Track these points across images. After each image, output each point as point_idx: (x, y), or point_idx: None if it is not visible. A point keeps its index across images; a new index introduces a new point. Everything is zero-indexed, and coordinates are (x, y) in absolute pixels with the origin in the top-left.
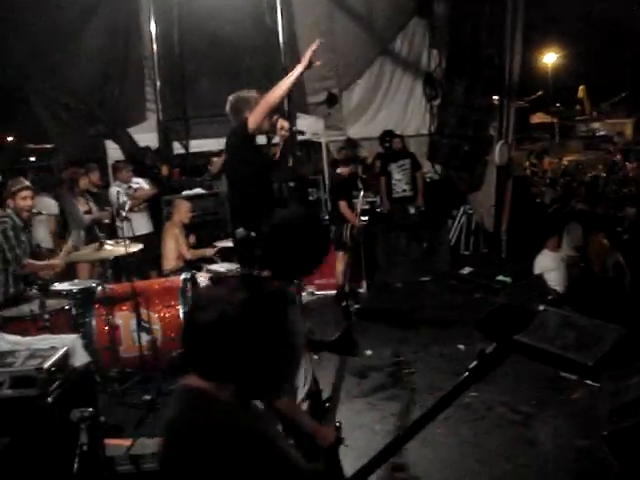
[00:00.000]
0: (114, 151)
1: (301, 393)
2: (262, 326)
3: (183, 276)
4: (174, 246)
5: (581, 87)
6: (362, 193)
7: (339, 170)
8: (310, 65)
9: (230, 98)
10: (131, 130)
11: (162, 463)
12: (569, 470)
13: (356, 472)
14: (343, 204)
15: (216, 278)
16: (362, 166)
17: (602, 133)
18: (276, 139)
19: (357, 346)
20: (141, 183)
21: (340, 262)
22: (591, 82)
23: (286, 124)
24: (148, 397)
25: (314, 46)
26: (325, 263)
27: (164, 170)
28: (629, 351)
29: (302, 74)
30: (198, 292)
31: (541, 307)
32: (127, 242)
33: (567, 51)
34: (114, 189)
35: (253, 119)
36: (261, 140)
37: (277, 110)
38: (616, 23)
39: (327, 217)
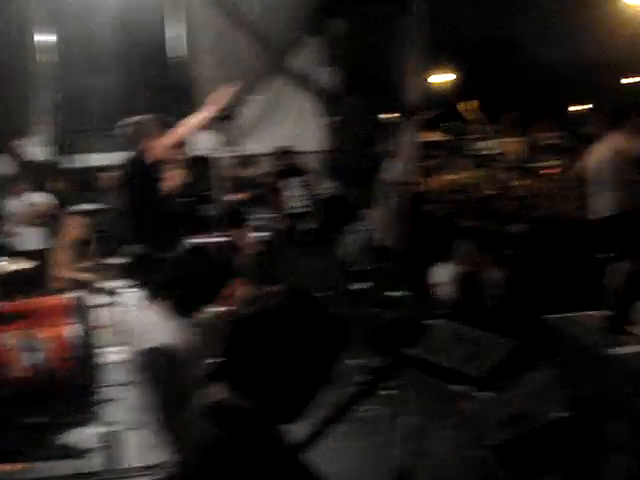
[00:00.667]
0: (3, 165)
1: None
2: (311, 341)
3: (72, 294)
4: (63, 263)
5: (470, 106)
6: (252, 211)
7: (233, 196)
8: (215, 112)
9: (127, 122)
10: (22, 142)
11: None
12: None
13: None
14: (238, 230)
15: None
16: (257, 183)
17: (491, 151)
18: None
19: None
20: (36, 198)
21: (238, 290)
22: (482, 101)
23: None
24: (41, 420)
25: (225, 93)
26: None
27: (55, 184)
28: (518, 363)
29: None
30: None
31: (432, 320)
32: (16, 258)
33: (459, 70)
34: (12, 202)
35: (153, 151)
36: None
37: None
38: (506, 43)
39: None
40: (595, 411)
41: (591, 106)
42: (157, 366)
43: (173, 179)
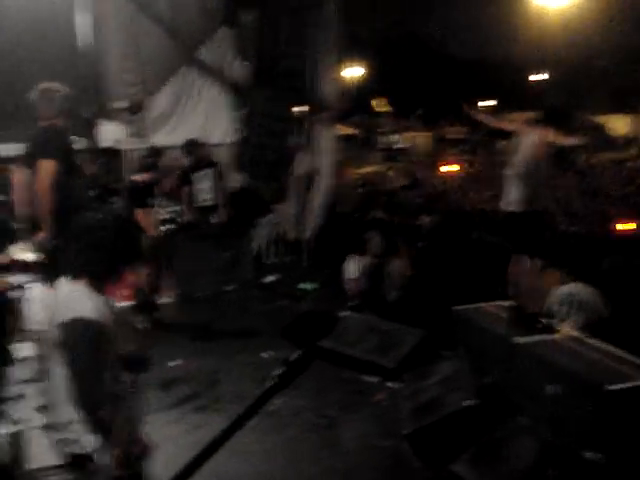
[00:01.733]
0: None
1: None
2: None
3: None
4: None
5: (380, 101)
6: (159, 201)
7: (134, 177)
8: None
9: (39, 87)
10: None
11: None
12: (374, 469)
13: None
14: (139, 212)
15: None
16: (164, 174)
17: (400, 145)
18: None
19: (145, 361)
20: None
21: (140, 274)
22: (392, 96)
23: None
24: None
25: None
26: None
27: None
28: (427, 353)
29: None
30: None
31: (343, 313)
32: None
33: (370, 65)
34: None
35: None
36: None
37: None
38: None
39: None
40: (502, 398)
41: (495, 102)
42: (79, 336)
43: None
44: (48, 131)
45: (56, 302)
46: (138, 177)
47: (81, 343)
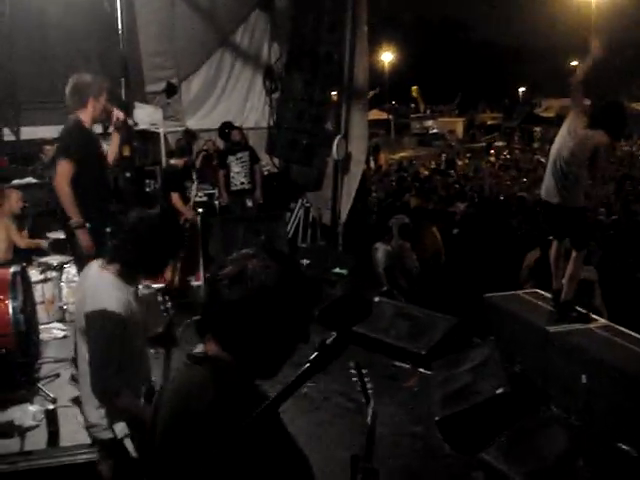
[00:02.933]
0: None
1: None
2: (297, 299)
3: (13, 269)
4: (4, 237)
5: (414, 87)
6: (195, 184)
7: (172, 161)
8: None
9: (72, 79)
10: None
11: (165, 429)
12: (404, 454)
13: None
14: (175, 196)
15: None
16: (202, 157)
17: (435, 131)
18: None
19: (176, 340)
20: None
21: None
22: (426, 82)
23: (121, 115)
24: None
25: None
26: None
27: None
28: (459, 340)
29: None
30: (227, 261)
31: (376, 298)
32: None
33: (403, 50)
34: None
35: (90, 112)
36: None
37: (113, 99)
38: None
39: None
40: (534, 387)
41: (524, 89)
42: (99, 329)
43: (113, 149)
44: (71, 126)
45: (83, 289)
46: (175, 161)
47: (100, 336)
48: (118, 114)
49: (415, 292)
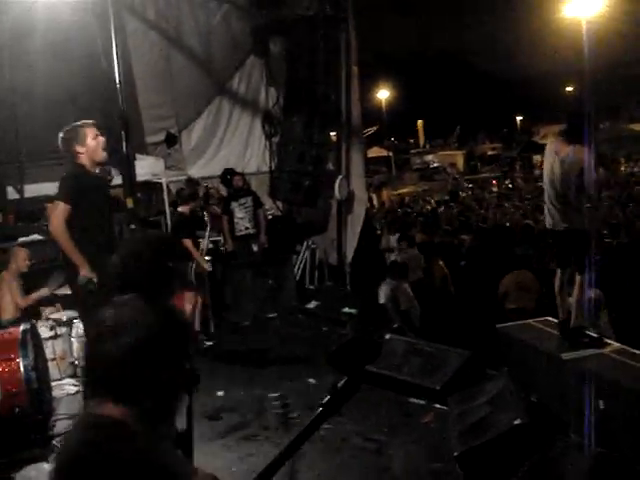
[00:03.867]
0: None
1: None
2: (177, 343)
3: (22, 327)
4: (10, 297)
5: (419, 122)
6: (208, 230)
7: (180, 209)
8: None
9: (60, 134)
10: None
11: None
12: None
13: None
14: (188, 242)
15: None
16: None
17: (436, 165)
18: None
19: (198, 380)
20: None
21: (188, 301)
22: (423, 116)
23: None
24: None
25: None
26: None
27: None
28: (473, 372)
29: None
30: (100, 317)
31: (387, 336)
32: None
33: (399, 87)
34: None
35: (84, 157)
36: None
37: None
38: (447, 58)
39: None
40: (551, 416)
41: (521, 118)
42: None
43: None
44: (69, 170)
45: None
46: (181, 208)
47: None
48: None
49: (419, 330)
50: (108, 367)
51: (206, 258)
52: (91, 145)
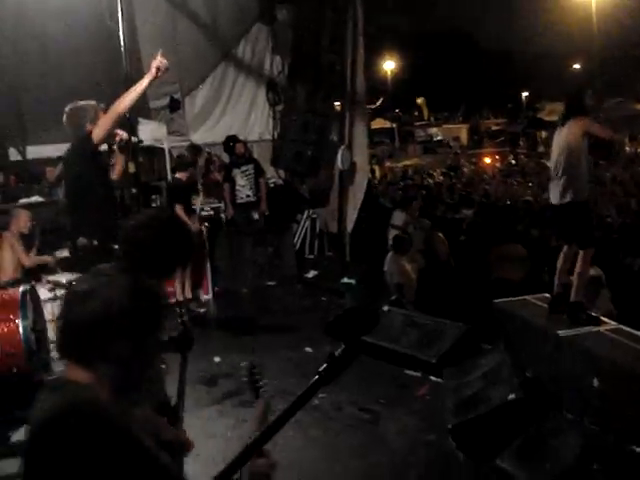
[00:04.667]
0: None
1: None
2: (145, 312)
3: (22, 288)
4: (11, 257)
5: (420, 99)
6: (201, 197)
7: (178, 175)
8: (157, 76)
9: (66, 109)
10: None
11: (28, 455)
12: (418, 463)
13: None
14: (179, 208)
15: None
16: (205, 161)
17: (439, 138)
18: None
19: (192, 343)
20: None
21: (180, 273)
22: (429, 89)
23: (125, 135)
24: None
25: (158, 57)
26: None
27: None
28: (469, 346)
29: (149, 84)
30: (76, 282)
31: (385, 307)
32: None
33: (405, 58)
34: None
35: (99, 131)
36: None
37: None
38: (454, 33)
39: None
40: (546, 392)
41: (527, 94)
42: None
43: (118, 168)
44: (69, 151)
45: None
46: (179, 174)
47: None
48: (122, 134)
49: (415, 304)
50: (74, 331)
51: (205, 224)
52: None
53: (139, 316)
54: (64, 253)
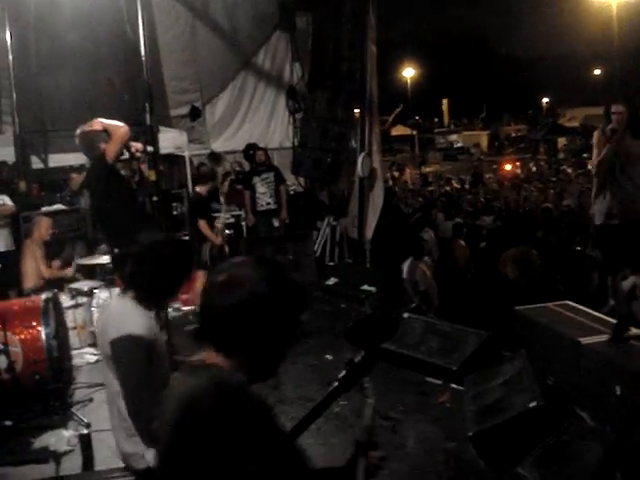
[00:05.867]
0: None
1: None
2: (288, 303)
3: (44, 296)
4: (34, 264)
5: (444, 100)
6: (224, 209)
7: (197, 188)
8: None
9: (78, 133)
10: None
11: (169, 438)
12: (438, 471)
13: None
14: (202, 223)
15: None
16: (229, 181)
17: (459, 145)
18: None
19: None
20: (5, 199)
21: (199, 281)
22: (449, 95)
23: (139, 146)
24: (9, 423)
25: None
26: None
27: (21, 185)
28: (490, 354)
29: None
30: (218, 270)
31: (405, 314)
32: None
33: (425, 66)
34: None
35: (111, 151)
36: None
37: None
38: (473, 39)
39: (187, 234)
40: (567, 400)
41: (547, 100)
42: (129, 354)
43: (140, 177)
44: (90, 168)
45: (105, 316)
46: (199, 188)
47: (129, 361)
48: (136, 145)
49: (438, 310)
50: (215, 319)
51: (227, 232)
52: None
53: (279, 305)
54: (86, 260)
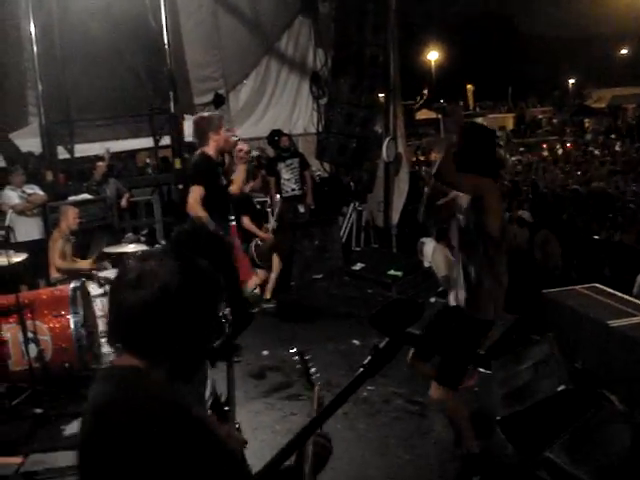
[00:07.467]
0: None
1: (208, 400)
2: (201, 294)
3: (72, 285)
4: (63, 253)
5: (469, 86)
6: (279, 197)
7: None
8: None
9: (193, 119)
10: (12, 135)
11: (85, 446)
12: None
13: (261, 470)
14: (246, 220)
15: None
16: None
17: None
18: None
19: (237, 349)
20: (35, 189)
21: (253, 281)
22: (474, 78)
23: (245, 147)
24: (39, 411)
25: None
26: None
27: (48, 175)
28: (517, 338)
29: None
30: (123, 268)
31: (432, 299)
32: (9, 251)
33: (449, 48)
34: (9, 193)
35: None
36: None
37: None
38: (497, 19)
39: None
40: (596, 383)
41: (573, 81)
42: None
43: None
44: (197, 159)
45: None
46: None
47: None
48: (242, 146)
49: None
50: (126, 318)
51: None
52: (222, 135)
53: (193, 297)
54: (113, 249)
